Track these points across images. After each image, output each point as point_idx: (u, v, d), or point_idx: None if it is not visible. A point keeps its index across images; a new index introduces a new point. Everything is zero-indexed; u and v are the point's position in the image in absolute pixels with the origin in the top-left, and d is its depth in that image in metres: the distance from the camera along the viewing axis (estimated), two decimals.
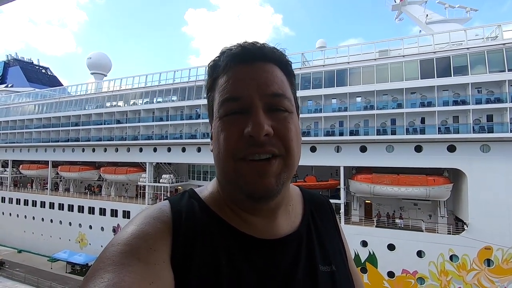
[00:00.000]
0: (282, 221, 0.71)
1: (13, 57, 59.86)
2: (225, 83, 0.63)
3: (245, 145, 0.59)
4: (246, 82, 0.61)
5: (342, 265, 0.77)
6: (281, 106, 0.63)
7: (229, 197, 0.67)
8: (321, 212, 0.83)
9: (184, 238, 0.59)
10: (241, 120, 0.60)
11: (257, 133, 0.57)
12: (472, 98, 19.79)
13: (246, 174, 0.59)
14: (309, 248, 0.71)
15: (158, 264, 0.53)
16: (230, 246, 0.62)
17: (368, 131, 22.58)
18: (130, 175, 32.76)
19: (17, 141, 40.92)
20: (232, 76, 0.62)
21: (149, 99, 32.63)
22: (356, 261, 21.21)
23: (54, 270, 29.60)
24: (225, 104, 0.62)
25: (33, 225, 36.88)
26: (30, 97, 42.98)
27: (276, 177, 0.60)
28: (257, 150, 0.58)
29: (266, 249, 0.65)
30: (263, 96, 0.61)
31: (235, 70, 0.63)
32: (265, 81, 0.62)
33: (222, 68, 0.64)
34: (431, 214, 22.94)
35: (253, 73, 0.62)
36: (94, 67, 46.28)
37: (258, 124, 0.58)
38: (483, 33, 21.38)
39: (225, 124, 0.61)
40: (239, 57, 0.63)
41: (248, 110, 0.60)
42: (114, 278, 0.47)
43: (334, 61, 24.89)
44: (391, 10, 30.67)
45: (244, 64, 0.63)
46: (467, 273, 18.96)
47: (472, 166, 19.35)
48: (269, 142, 0.59)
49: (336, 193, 24.25)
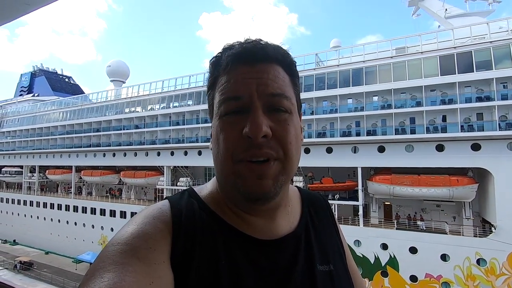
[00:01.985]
0: (281, 221, 0.70)
1: (39, 68, 63.12)
2: (225, 82, 0.63)
3: (244, 146, 0.58)
4: (247, 82, 0.61)
5: (341, 264, 0.76)
6: (281, 106, 0.62)
7: (228, 197, 0.67)
8: (319, 212, 0.83)
9: (184, 237, 0.59)
10: (240, 119, 0.60)
11: (255, 134, 0.57)
12: (497, 93, 18.87)
13: (244, 176, 0.59)
14: (307, 248, 0.71)
15: (158, 263, 0.54)
16: (229, 245, 0.62)
17: (386, 130, 21.99)
18: (148, 178, 33.58)
19: (43, 147, 42.94)
20: (233, 76, 0.62)
21: (166, 104, 33.38)
22: (376, 265, 20.80)
23: (78, 271, 30.71)
24: (225, 103, 0.62)
25: (58, 227, 38.47)
26: (55, 105, 45.09)
27: (274, 180, 0.60)
28: (254, 152, 0.58)
29: (265, 248, 0.65)
30: (262, 95, 0.60)
31: (236, 70, 0.62)
32: (266, 81, 0.61)
33: (223, 67, 0.64)
34: (455, 216, 21.98)
35: (254, 73, 0.62)
36: (114, 75, 48.03)
37: (256, 125, 0.57)
38: (507, 26, 20.40)
39: (224, 124, 0.61)
40: (240, 57, 0.63)
41: (247, 110, 0.60)
42: (114, 278, 0.47)
43: (349, 60, 24.52)
44: (407, 6, 29.89)
45: (245, 65, 0.62)
46: (496, 278, 17.98)
47: (498, 165, 18.40)
48: (267, 144, 0.59)
49: (354, 195, 23.77)
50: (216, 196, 0.70)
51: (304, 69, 25.74)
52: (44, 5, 1.18)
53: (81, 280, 0.49)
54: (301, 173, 25.11)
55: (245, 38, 0.66)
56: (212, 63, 0.68)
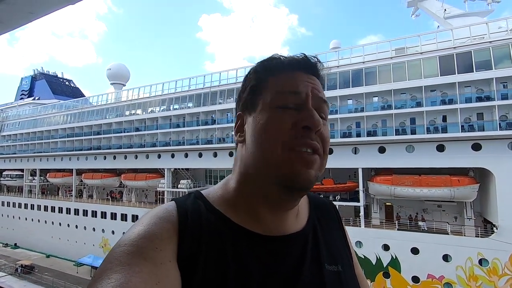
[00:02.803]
0: (290, 220, 0.72)
1: (40, 72, 63.26)
2: (284, 80, 0.69)
3: (297, 136, 0.63)
4: (305, 84, 0.69)
5: (348, 267, 0.77)
6: (324, 113, 0.71)
7: (253, 191, 0.68)
8: (327, 215, 0.84)
9: (190, 237, 0.60)
10: (294, 113, 0.65)
11: (316, 124, 0.64)
12: (497, 93, 18.85)
13: (295, 163, 0.62)
14: (315, 247, 0.72)
15: (164, 263, 0.54)
16: (236, 244, 0.63)
17: (386, 131, 21.98)
18: (149, 181, 33.58)
19: (44, 150, 42.98)
20: (292, 77, 0.70)
21: (166, 107, 33.42)
22: (378, 266, 20.72)
23: (79, 274, 30.66)
24: (282, 95, 0.67)
25: (59, 230, 38.47)
26: (55, 108, 45.15)
27: (316, 171, 0.64)
28: (307, 142, 0.63)
29: (272, 246, 0.66)
30: (315, 97, 0.69)
31: (295, 73, 0.70)
32: (318, 88, 0.71)
33: (284, 66, 0.71)
34: (456, 216, 21.92)
35: (310, 80, 0.71)
36: (114, 78, 48.07)
37: (317, 118, 0.64)
38: (506, 26, 20.41)
39: (277, 113, 0.65)
40: (301, 64, 0.72)
41: (301, 107, 0.66)
42: (121, 279, 0.48)
43: (348, 61, 24.54)
44: (406, 6, 29.93)
45: (302, 71, 0.71)
46: (498, 278, 17.90)
47: (500, 164, 18.35)
48: (316, 138, 0.64)
49: (355, 196, 23.74)
50: (226, 196, 0.71)
51: None
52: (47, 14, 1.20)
53: (89, 282, 0.50)
54: None
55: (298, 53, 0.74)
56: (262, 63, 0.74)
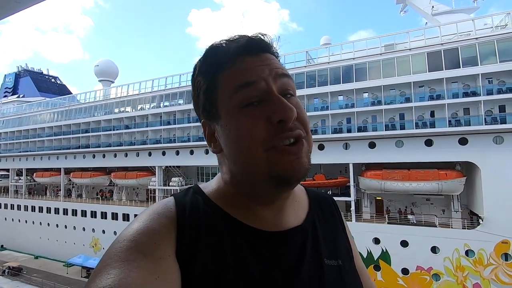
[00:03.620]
0: (289, 214, 0.71)
1: (24, 68, 61.41)
2: (233, 73, 0.63)
3: (275, 132, 0.59)
4: (258, 69, 0.62)
5: (348, 261, 0.76)
6: (291, 88, 0.65)
7: (245, 191, 0.66)
8: (327, 210, 0.83)
9: (189, 231, 0.60)
10: (261, 109, 0.60)
11: (290, 116, 0.58)
12: (483, 89, 19.32)
13: (284, 160, 0.59)
14: (315, 242, 0.71)
15: (163, 258, 0.54)
16: (235, 238, 0.62)
17: (376, 126, 22.28)
18: (140, 179, 33.18)
19: (30, 149, 41.90)
20: (241, 67, 0.63)
21: (156, 104, 32.98)
22: (368, 259, 21.10)
23: (70, 275, 30.18)
24: (239, 93, 0.61)
25: (48, 231, 37.70)
26: (41, 106, 44.02)
27: (307, 157, 0.62)
28: (289, 134, 0.59)
29: (271, 240, 0.65)
30: (275, 77, 0.63)
31: (244, 61, 0.63)
32: (275, 65, 0.64)
33: (229, 60, 0.63)
34: (444, 209, 22.49)
35: (262, 61, 0.64)
36: (102, 74, 47.10)
37: (289, 108, 0.59)
38: (492, 22, 20.88)
39: (244, 115, 0.60)
40: (247, 48, 0.64)
41: (265, 98, 0.61)
42: (120, 274, 0.48)
43: (339, 57, 24.69)
44: (395, 3, 30.24)
45: (251, 55, 0.64)
46: (484, 268, 18.51)
47: (485, 158, 18.88)
48: (295, 125, 0.60)
49: (346, 191, 24.05)
50: (222, 191, 0.69)
51: (295, 66, 25.81)
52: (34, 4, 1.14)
53: (89, 278, 0.51)
54: None
55: (231, 35, 0.67)
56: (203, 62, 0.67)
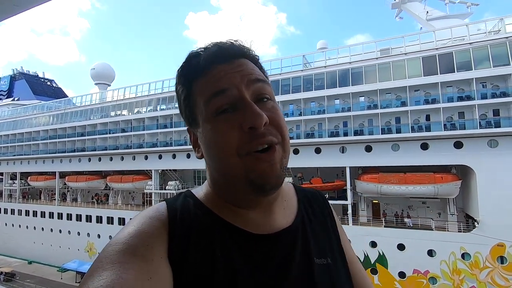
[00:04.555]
0: (277, 215, 0.72)
1: (19, 71, 60.96)
2: (206, 81, 0.63)
3: (247, 139, 0.59)
4: (230, 76, 0.63)
5: (339, 257, 0.78)
6: (266, 93, 0.65)
7: (228, 196, 0.68)
8: (316, 207, 0.84)
9: (180, 233, 0.61)
10: (234, 116, 0.61)
11: (259, 122, 0.59)
12: (477, 93, 19.55)
13: (257, 167, 0.59)
14: (304, 242, 0.72)
15: (155, 260, 0.55)
16: (225, 241, 0.63)
17: (372, 130, 22.40)
18: (136, 183, 32.94)
19: (24, 153, 41.46)
20: (214, 75, 0.63)
21: (153, 107, 32.89)
22: (366, 263, 21.08)
23: (64, 280, 29.74)
24: (212, 101, 0.62)
25: (42, 236, 37.21)
26: (37, 109, 43.64)
27: (280, 163, 0.62)
28: (259, 141, 0.59)
29: (261, 243, 0.66)
30: (248, 83, 0.63)
31: (216, 69, 0.64)
32: (247, 71, 0.64)
33: (201, 69, 0.64)
34: (440, 212, 22.60)
35: (234, 67, 0.64)
36: (98, 78, 46.92)
37: (257, 114, 0.59)
38: (485, 27, 21.21)
39: (218, 123, 0.61)
40: (217, 56, 0.64)
41: (238, 105, 0.61)
42: (112, 275, 0.48)
43: (335, 61, 24.88)
44: (390, 8, 30.62)
45: (223, 62, 0.64)
46: (480, 271, 18.58)
47: (480, 161, 19.05)
48: (268, 131, 0.61)
49: (343, 194, 24.08)
50: (211, 195, 0.70)
51: (292, 70, 25.95)
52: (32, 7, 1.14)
53: (81, 281, 0.51)
54: (290, 174, 25.23)
55: (207, 43, 0.68)
56: (181, 71, 0.68)
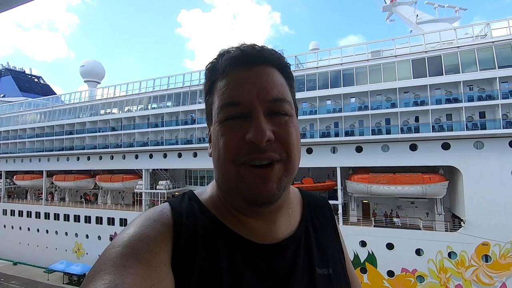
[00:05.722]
0: (281, 224, 0.71)
1: (5, 67, 59.28)
2: (224, 87, 0.62)
3: (246, 150, 0.59)
4: (246, 87, 0.61)
5: (340, 267, 0.78)
6: (282, 110, 0.63)
7: (229, 201, 0.68)
8: (320, 214, 0.84)
9: (186, 241, 0.60)
10: (241, 125, 0.60)
11: (259, 139, 0.57)
12: (464, 95, 20.03)
13: (248, 181, 0.59)
14: (307, 251, 0.72)
15: (159, 266, 0.54)
16: (230, 250, 0.63)
17: (363, 131, 22.69)
18: (126, 182, 32.48)
19: (10, 151, 40.40)
20: (231, 81, 0.62)
21: (144, 106, 32.48)
22: (355, 262, 21.32)
23: (51, 281, 29.07)
24: (224, 109, 0.61)
25: (28, 236, 36.29)
26: (23, 106, 42.52)
27: (278, 182, 0.60)
28: (258, 157, 0.59)
29: (265, 253, 0.65)
30: (263, 101, 0.61)
31: (235, 74, 0.62)
32: (265, 86, 0.61)
33: (221, 72, 0.63)
34: (428, 212, 23.05)
35: (253, 77, 0.62)
36: (88, 75, 46.01)
37: (260, 130, 0.58)
38: (472, 32, 21.74)
39: (225, 128, 0.61)
40: (238, 61, 0.62)
41: (248, 115, 0.60)
42: (115, 280, 0.47)
43: (327, 62, 25.08)
44: (381, 11, 31.04)
45: (243, 68, 0.62)
46: (465, 269, 19.05)
47: (466, 163, 19.52)
48: (270, 147, 0.59)
49: (333, 194, 24.28)
50: (216, 199, 0.70)
51: None
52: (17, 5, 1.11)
53: (82, 283, 0.50)
54: None
55: (240, 43, 0.66)
56: (208, 68, 0.68)
